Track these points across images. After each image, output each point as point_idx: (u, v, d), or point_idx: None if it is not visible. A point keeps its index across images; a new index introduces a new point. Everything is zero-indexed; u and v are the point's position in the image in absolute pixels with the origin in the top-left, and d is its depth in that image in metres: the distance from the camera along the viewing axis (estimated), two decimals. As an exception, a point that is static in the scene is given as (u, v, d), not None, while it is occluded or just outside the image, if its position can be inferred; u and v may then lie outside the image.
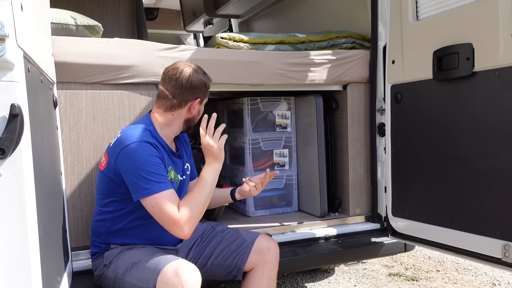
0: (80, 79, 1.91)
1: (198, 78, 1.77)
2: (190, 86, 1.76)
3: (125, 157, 1.63)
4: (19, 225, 1.01)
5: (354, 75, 2.42)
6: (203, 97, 1.82)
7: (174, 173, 1.79)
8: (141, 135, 1.66)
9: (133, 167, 1.61)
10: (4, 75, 0.99)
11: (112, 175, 1.68)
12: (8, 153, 0.97)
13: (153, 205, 1.59)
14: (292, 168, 2.67)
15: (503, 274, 3.11)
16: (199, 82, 1.77)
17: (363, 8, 2.57)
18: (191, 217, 1.59)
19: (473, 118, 1.80)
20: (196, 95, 1.78)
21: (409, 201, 2.15)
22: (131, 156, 1.62)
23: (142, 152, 1.62)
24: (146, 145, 1.64)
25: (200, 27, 4.74)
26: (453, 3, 1.89)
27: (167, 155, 1.76)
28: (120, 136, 1.69)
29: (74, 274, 1.85)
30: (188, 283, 1.47)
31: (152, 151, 1.64)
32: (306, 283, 3.04)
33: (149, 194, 1.58)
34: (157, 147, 1.69)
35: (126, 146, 1.63)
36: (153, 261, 1.58)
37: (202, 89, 1.80)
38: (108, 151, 1.72)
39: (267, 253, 1.83)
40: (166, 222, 1.59)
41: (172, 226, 1.59)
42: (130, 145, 1.63)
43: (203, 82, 1.79)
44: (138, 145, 1.63)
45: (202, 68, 1.83)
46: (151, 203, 1.59)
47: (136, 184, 1.60)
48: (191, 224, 1.60)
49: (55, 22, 2.01)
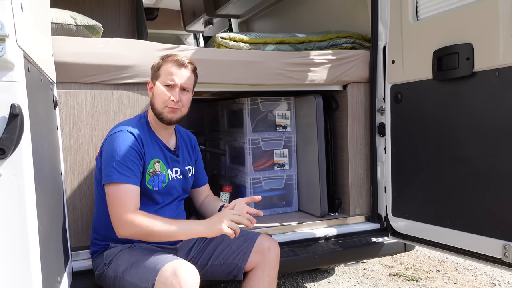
0: (80, 79, 1.91)
1: (157, 60, 1.82)
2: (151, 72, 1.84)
3: (106, 144, 1.71)
4: (19, 225, 1.01)
5: (354, 75, 2.42)
6: (153, 77, 1.81)
7: (162, 165, 1.79)
8: (126, 125, 1.74)
9: (107, 154, 1.68)
10: (4, 75, 1.00)
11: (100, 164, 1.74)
12: (8, 153, 0.97)
13: (109, 194, 1.65)
14: (292, 168, 2.67)
15: (503, 274, 3.11)
16: (155, 63, 1.81)
17: (363, 8, 2.57)
18: (136, 227, 1.59)
19: (473, 118, 1.80)
20: (151, 75, 1.83)
21: (409, 201, 2.15)
22: (110, 143, 1.70)
23: (120, 141, 1.68)
24: (126, 135, 1.70)
25: (200, 27, 4.74)
26: (453, 3, 1.89)
27: (158, 148, 1.80)
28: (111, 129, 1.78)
29: (74, 274, 1.85)
30: (186, 283, 1.46)
31: (130, 142, 1.69)
32: (306, 283, 3.04)
33: (109, 182, 1.64)
34: (140, 137, 1.72)
35: (111, 134, 1.72)
36: (152, 261, 1.58)
37: (151, 69, 1.83)
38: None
39: (268, 252, 1.82)
40: (112, 213, 1.63)
41: (115, 219, 1.63)
42: (113, 134, 1.71)
43: (157, 64, 1.81)
44: (119, 134, 1.70)
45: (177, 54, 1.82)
46: (108, 190, 1.65)
47: (105, 169, 1.67)
48: (130, 232, 1.61)
49: (55, 22, 2.02)
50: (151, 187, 1.75)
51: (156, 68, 1.80)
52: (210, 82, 2.15)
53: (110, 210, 1.64)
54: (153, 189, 1.76)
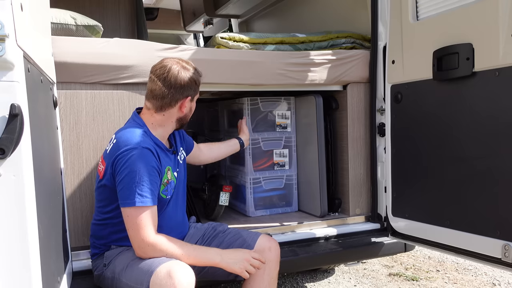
0: (80, 79, 1.91)
1: (187, 75, 1.71)
2: (179, 85, 1.69)
3: (121, 163, 1.60)
4: (19, 225, 1.01)
5: (354, 75, 2.42)
6: (194, 94, 1.77)
7: (171, 173, 1.78)
8: (139, 141, 1.63)
9: (125, 175, 1.59)
10: (4, 75, 1.00)
11: (111, 184, 1.66)
12: (8, 153, 0.97)
13: (129, 215, 1.59)
14: (292, 168, 2.66)
15: (503, 274, 3.11)
16: (188, 80, 1.71)
17: (363, 8, 2.57)
18: (157, 252, 1.58)
19: (473, 118, 1.80)
20: (186, 93, 1.73)
21: (409, 201, 2.15)
22: (127, 162, 1.59)
23: (139, 161, 1.59)
24: (144, 152, 1.61)
25: (200, 27, 4.74)
26: (453, 3, 1.89)
27: (164, 155, 1.74)
28: (116, 142, 1.66)
29: (74, 274, 1.85)
30: (181, 284, 1.45)
31: (150, 160, 1.61)
32: (306, 283, 3.03)
33: (130, 206, 1.58)
34: (155, 151, 1.66)
35: (124, 151, 1.60)
36: (147, 262, 1.57)
37: (192, 86, 1.74)
38: (105, 157, 1.70)
39: (268, 252, 1.83)
40: (132, 235, 1.59)
41: (136, 242, 1.59)
42: (128, 151, 1.60)
43: (192, 80, 1.73)
44: (136, 153, 1.60)
45: (191, 63, 1.77)
46: (128, 212, 1.59)
47: (123, 191, 1.59)
48: (150, 255, 1.59)
49: (55, 22, 2.01)
50: (164, 196, 1.73)
51: (199, 84, 1.78)
52: (210, 82, 2.15)
53: (130, 231, 1.60)
54: (166, 198, 1.75)
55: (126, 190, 1.58)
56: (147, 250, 1.58)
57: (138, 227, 1.58)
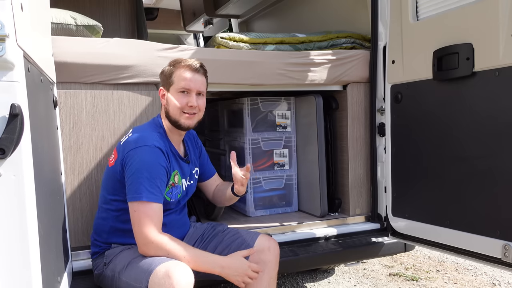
0: (80, 79, 1.91)
1: (165, 67, 1.80)
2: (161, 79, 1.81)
3: (132, 158, 1.65)
4: (19, 225, 1.01)
5: (354, 75, 2.42)
6: (166, 85, 1.78)
7: (179, 177, 1.80)
8: (152, 139, 1.69)
9: (135, 169, 1.63)
10: (4, 75, 0.99)
11: (119, 175, 1.70)
12: (8, 153, 0.97)
13: (136, 210, 1.61)
14: (292, 168, 2.66)
15: (503, 274, 3.11)
16: (161, 70, 1.80)
17: (363, 8, 2.57)
18: (161, 250, 1.59)
19: (473, 118, 1.80)
20: (162, 82, 1.81)
21: (409, 201, 2.15)
22: (138, 158, 1.64)
23: (149, 158, 1.64)
24: (155, 150, 1.66)
25: (200, 27, 4.74)
26: (453, 3, 1.89)
27: (174, 159, 1.78)
28: (131, 136, 1.72)
29: (74, 274, 1.85)
30: (179, 284, 1.46)
31: (159, 159, 1.66)
32: (306, 283, 3.03)
33: (138, 200, 1.61)
34: (166, 152, 1.70)
35: (136, 147, 1.66)
36: (147, 261, 1.58)
37: (161, 76, 1.81)
38: (118, 149, 1.75)
39: (268, 252, 1.83)
40: (137, 231, 1.61)
41: (140, 238, 1.61)
42: (140, 148, 1.65)
43: (163, 70, 1.80)
44: (147, 150, 1.65)
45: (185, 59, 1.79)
46: (135, 207, 1.61)
47: (132, 185, 1.63)
48: (153, 253, 1.60)
49: (55, 22, 2.01)
50: (168, 199, 1.76)
51: (168, 75, 1.77)
52: (210, 82, 2.13)
53: (135, 227, 1.62)
54: (170, 201, 1.77)
55: (135, 185, 1.62)
56: (151, 247, 1.59)
57: (144, 223, 1.59)
